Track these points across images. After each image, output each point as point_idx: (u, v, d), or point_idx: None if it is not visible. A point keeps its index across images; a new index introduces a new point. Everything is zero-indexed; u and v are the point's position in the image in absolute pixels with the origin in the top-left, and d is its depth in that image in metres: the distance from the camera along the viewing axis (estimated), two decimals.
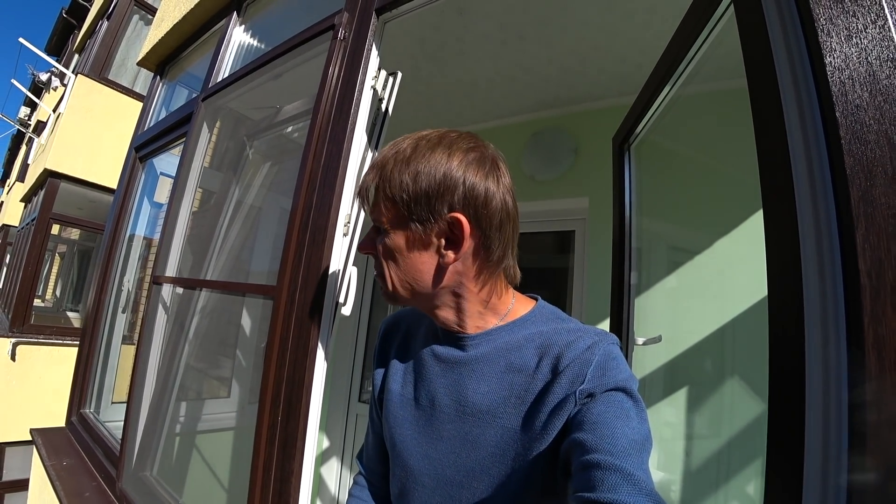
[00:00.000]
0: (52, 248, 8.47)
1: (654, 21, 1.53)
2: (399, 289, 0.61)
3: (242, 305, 2.03)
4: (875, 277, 0.41)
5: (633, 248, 1.45)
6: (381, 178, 0.58)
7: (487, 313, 0.63)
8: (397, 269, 0.60)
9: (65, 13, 9.36)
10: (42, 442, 1.98)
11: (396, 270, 0.60)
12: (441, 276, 0.59)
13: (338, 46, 1.06)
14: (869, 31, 0.49)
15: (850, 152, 0.46)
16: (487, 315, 0.63)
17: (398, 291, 0.61)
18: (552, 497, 0.53)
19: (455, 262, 0.58)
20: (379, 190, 0.58)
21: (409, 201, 0.56)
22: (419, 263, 0.59)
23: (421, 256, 0.58)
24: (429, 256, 0.58)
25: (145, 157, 2.29)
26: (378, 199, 0.58)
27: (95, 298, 2.18)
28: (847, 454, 0.41)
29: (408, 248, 0.58)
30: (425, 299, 0.62)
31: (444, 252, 0.58)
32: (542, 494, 0.53)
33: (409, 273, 0.60)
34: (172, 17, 2.13)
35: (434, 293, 0.61)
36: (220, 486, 1.65)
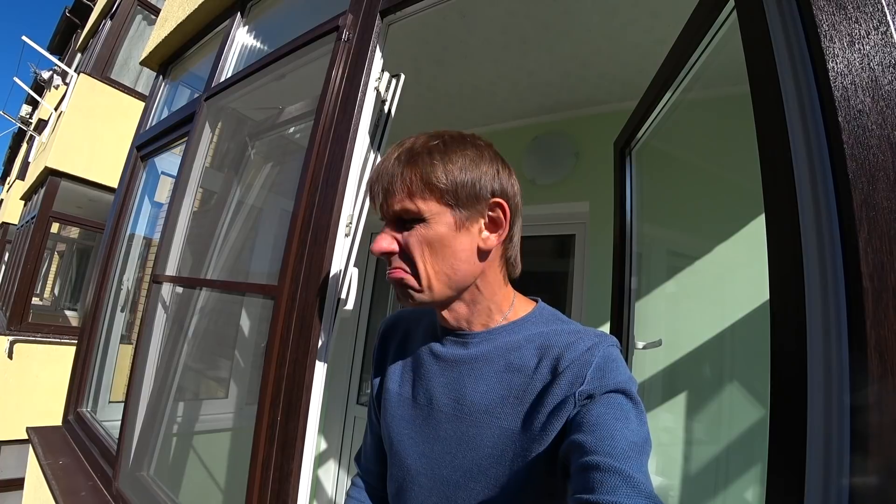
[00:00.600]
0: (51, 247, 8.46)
1: (656, 26, 1.54)
2: (434, 282, 0.59)
3: (242, 306, 2.03)
4: (877, 280, 0.41)
5: (634, 252, 1.45)
6: (418, 168, 0.57)
7: (494, 311, 0.63)
8: (434, 259, 0.59)
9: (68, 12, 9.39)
10: (38, 441, 1.97)
11: (433, 262, 0.59)
12: (475, 263, 0.61)
13: (341, 48, 1.07)
14: (871, 36, 0.50)
15: (853, 156, 0.46)
16: (494, 313, 0.63)
17: (433, 285, 0.59)
18: (550, 498, 0.53)
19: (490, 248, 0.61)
20: (415, 180, 0.57)
21: (456, 187, 0.57)
22: (460, 250, 0.59)
23: (462, 242, 0.59)
24: (469, 242, 0.59)
25: (147, 157, 2.29)
26: (414, 190, 0.57)
27: (94, 297, 2.18)
28: (849, 458, 0.41)
29: (450, 235, 0.58)
30: (454, 290, 0.61)
31: (484, 236, 0.60)
32: (539, 495, 0.53)
33: (448, 261, 0.59)
34: (176, 17, 2.14)
35: (464, 283, 0.61)
36: (217, 486, 1.64)
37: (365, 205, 1.01)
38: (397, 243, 0.60)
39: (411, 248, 0.58)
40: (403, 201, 0.58)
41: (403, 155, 0.58)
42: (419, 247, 0.58)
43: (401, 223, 0.60)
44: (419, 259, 0.59)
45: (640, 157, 1.51)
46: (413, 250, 0.58)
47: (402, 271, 0.60)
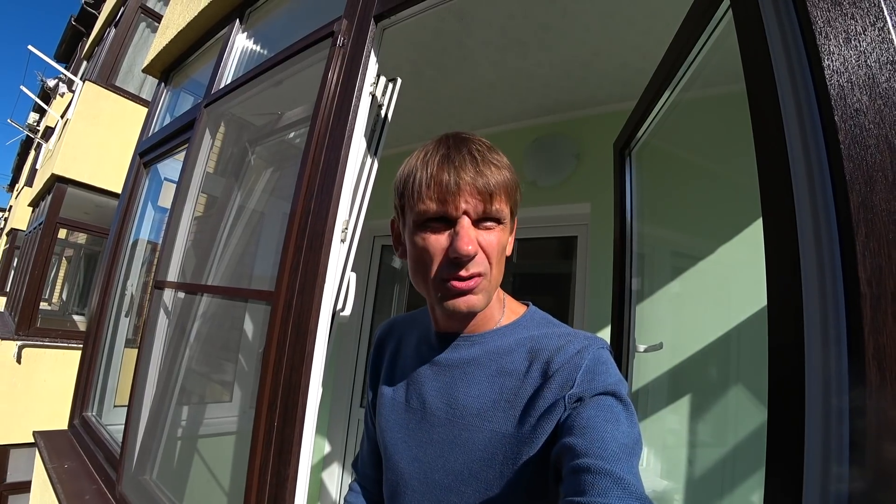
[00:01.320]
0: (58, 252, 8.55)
1: (655, 26, 1.53)
2: (493, 289, 0.59)
3: (244, 310, 2.03)
4: (875, 285, 0.40)
5: (635, 254, 1.44)
6: (513, 174, 0.58)
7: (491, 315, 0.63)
8: (497, 265, 0.58)
9: (74, 21, 9.50)
10: (44, 444, 1.99)
11: (497, 268, 0.58)
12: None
13: (337, 53, 1.07)
14: (868, 33, 0.49)
15: (850, 157, 0.45)
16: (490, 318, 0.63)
17: (491, 293, 0.59)
18: (542, 501, 0.52)
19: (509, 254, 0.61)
20: (508, 183, 0.57)
21: (517, 191, 0.59)
22: (504, 256, 0.60)
23: (506, 248, 0.60)
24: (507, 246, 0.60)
25: (150, 163, 2.31)
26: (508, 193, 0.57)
27: (99, 302, 2.19)
28: (847, 465, 0.40)
29: (506, 241, 0.59)
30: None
31: (510, 241, 0.61)
32: (531, 499, 0.53)
33: (502, 268, 0.59)
34: (177, 25, 2.15)
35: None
36: (220, 490, 1.64)
37: (362, 210, 1.01)
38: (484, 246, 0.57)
39: (492, 249, 0.56)
40: (500, 202, 0.56)
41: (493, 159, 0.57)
42: (496, 250, 0.57)
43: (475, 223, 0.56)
44: (495, 262, 0.57)
45: (640, 157, 1.50)
46: (492, 252, 0.57)
47: (482, 275, 0.56)
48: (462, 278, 0.55)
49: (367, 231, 2.97)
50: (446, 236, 0.56)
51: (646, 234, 1.55)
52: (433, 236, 0.56)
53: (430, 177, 0.55)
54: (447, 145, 0.57)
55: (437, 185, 0.55)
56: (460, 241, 0.53)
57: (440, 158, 0.56)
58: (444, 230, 0.56)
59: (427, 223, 0.56)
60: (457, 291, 0.56)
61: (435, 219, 0.56)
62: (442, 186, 0.54)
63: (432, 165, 0.56)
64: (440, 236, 0.56)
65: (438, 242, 0.56)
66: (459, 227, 0.55)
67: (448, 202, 0.54)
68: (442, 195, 0.54)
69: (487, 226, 0.56)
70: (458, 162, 0.55)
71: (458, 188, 0.54)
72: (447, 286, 0.56)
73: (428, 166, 0.56)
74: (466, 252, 0.53)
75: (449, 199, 0.54)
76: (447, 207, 0.55)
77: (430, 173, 0.55)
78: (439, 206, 0.55)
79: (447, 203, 0.54)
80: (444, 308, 0.57)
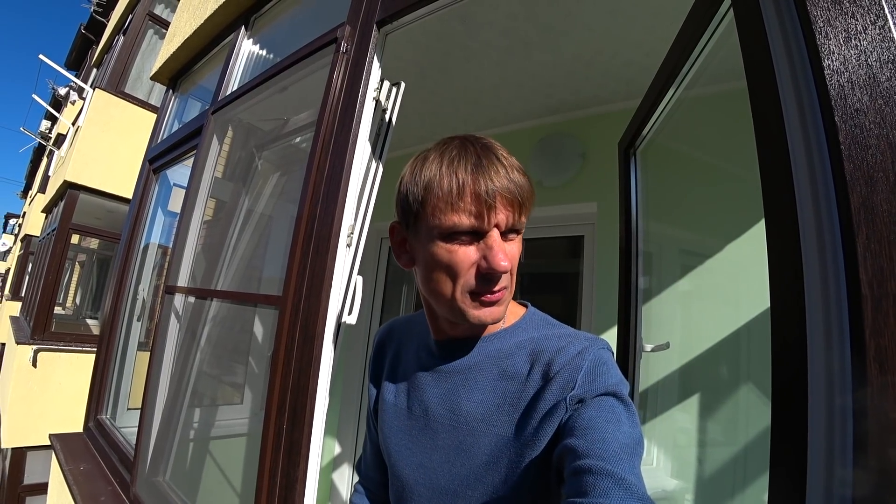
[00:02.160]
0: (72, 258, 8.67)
1: (658, 24, 1.52)
2: (509, 298, 0.58)
3: (254, 313, 2.05)
4: (876, 287, 0.40)
5: (641, 253, 1.43)
6: (531, 184, 0.56)
7: None
8: (514, 276, 0.57)
9: (83, 29, 9.65)
10: (60, 447, 2.03)
11: (513, 278, 0.57)
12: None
13: (340, 59, 1.08)
14: (868, 32, 0.49)
15: (850, 157, 0.45)
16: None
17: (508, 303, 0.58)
18: (545, 502, 0.53)
19: None
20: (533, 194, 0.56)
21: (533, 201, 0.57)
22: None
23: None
24: None
25: (159, 169, 2.34)
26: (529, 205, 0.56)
27: (112, 307, 2.23)
28: (850, 466, 0.40)
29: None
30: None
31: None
32: (535, 500, 0.53)
33: (515, 276, 0.58)
34: (184, 33, 2.18)
35: None
36: (231, 491, 1.66)
37: (367, 215, 1.02)
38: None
39: (515, 261, 0.56)
40: (524, 214, 0.55)
41: (517, 165, 0.55)
42: (517, 261, 0.56)
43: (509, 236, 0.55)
44: (514, 273, 0.56)
45: (646, 155, 1.49)
46: (515, 264, 0.56)
47: (506, 288, 0.55)
48: (494, 292, 0.54)
49: (374, 233, 2.99)
50: (475, 248, 0.54)
51: (652, 232, 1.54)
52: (462, 248, 0.54)
53: (464, 186, 0.51)
54: (475, 151, 0.54)
55: (473, 196, 0.51)
56: (496, 258, 0.52)
57: (472, 167, 0.52)
58: (472, 242, 0.54)
59: (454, 235, 0.53)
60: (485, 302, 0.55)
61: (465, 232, 0.53)
62: (479, 198, 0.51)
63: (464, 173, 0.52)
64: (469, 248, 0.54)
65: (468, 255, 0.53)
66: (492, 241, 0.53)
67: (484, 215, 0.52)
68: (479, 208, 0.51)
69: (511, 237, 0.55)
70: (493, 171, 0.52)
71: (496, 200, 0.51)
72: (478, 299, 0.55)
73: (458, 173, 0.52)
74: (504, 269, 0.52)
75: (486, 213, 0.52)
76: (482, 221, 0.52)
77: (463, 182, 0.52)
78: (474, 219, 0.52)
79: (483, 216, 0.52)
80: (468, 319, 0.56)
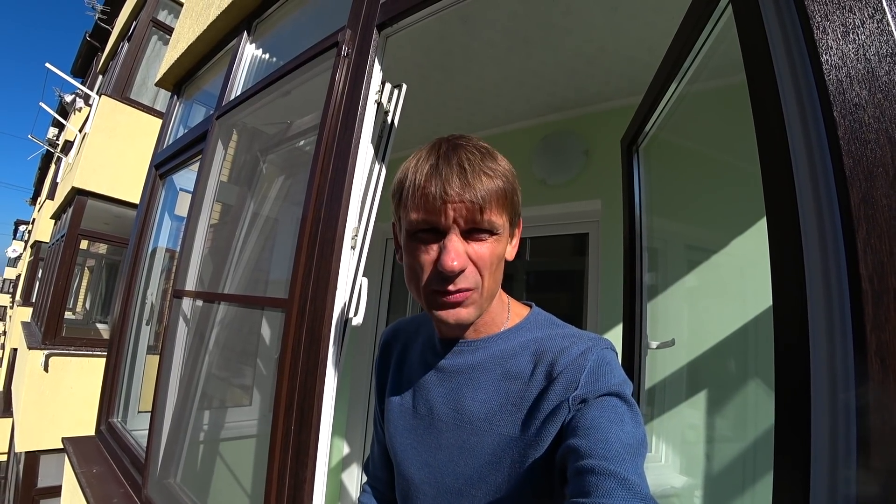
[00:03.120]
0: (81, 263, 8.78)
1: (659, 20, 1.52)
2: (488, 298, 0.58)
3: (262, 314, 2.07)
4: (877, 282, 0.40)
5: (645, 249, 1.43)
6: (508, 182, 0.56)
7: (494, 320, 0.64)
8: (491, 276, 0.57)
9: (88, 36, 9.75)
10: (73, 450, 2.06)
11: (491, 279, 0.57)
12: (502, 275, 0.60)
13: (341, 63, 1.09)
14: (866, 25, 0.48)
15: (850, 153, 0.45)
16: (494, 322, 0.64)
17: (484, 305, 0.58)
18: (549, 501, 0.53)
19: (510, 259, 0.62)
20: (504, 193, 0.55)
21: (517, 203, 0.58)
22: (502, 265, 0.59)
23: (502, 257, 0.59)
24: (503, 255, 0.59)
25: (165, 174, 2.37)
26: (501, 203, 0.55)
27: (121, 311, 2.26)
28: (854, 461, 0.40)
29: (504, 250, 0.59)
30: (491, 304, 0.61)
31: (510, 248, 0.61)
32: (538, 499, 0.53)
33: (497, 278, 0.58)
34: (187, 39, 2.20)
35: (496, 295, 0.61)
36: (242, 492, 1.68)
37: (371, 217, 1.03)
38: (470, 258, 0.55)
39: (484, 262, 0.55)
40: (492, 214, 0.54)
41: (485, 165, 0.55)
42: (488, 262, 0.56)
43: (466, 235, 0.55)
44: (487, 275, 0.56)
45: (650, 151, 1.49)
46: (484, 266, 0.56)
47: (471, 290, 0.56)
48: (450, 292, 0.55)
49: (379, 233, 3.00)
50: (435, 248, 0.55)
51: (656, 229, 1.54)
52: (423, 247, 0.56)
53: (418, 187, 0.54)
54: (437, 154, 0.55)
55: (424, 197, 0.54)
56: (446, 257, 0.53)
57: (429, 168, 0.54)
58: (433, 241, 0.55)
59: (417, 234, 0.56)
60: (445, 303, 0.56)
61: (424, 230, 0.55)
62: (428, 199, 0.53)
63: (421, 175, 0.55)
64: (430, 247, 0.55)
65: (428, 254, 0.55)
66: (447, 240, 0.54)
67: (435, 215, 0.53)
68: (429, 207, 0.53)
69: (479, 237, 0.55)
70: (446, 174, 0.53)
71: (443, 201, 0.53)
72: (435, 298, 0.56)
73: (417, 175, 0.55)
74: (451, 268, 0.53)
75: (436, 212, 0.53)
76: (435, 219, 0.54)
77: (419, 183, 0.54)
78: (427, 217, 0.54)
79: (434, 215, 0.54)
80: (435, 317, 0.58)
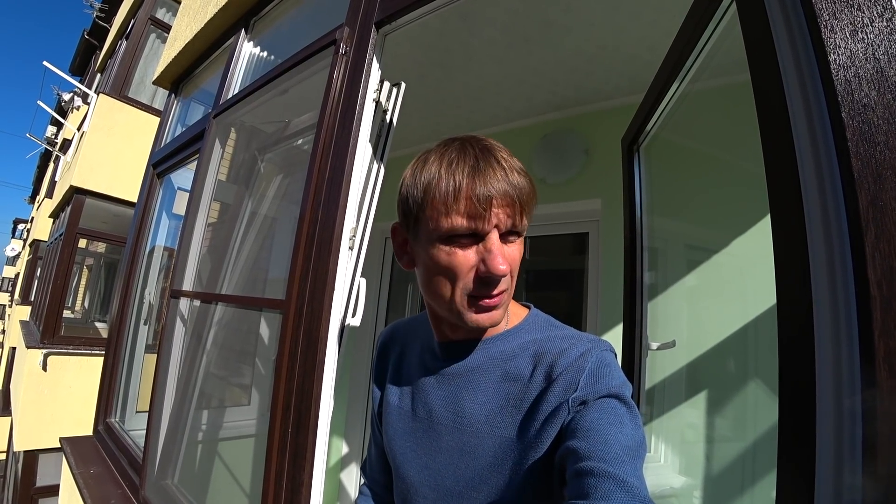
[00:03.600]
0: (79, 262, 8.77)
1: (661, 18, 1.51)
2: (508, 301, 0.58)
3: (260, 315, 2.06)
4: (886, 287, 0.39)
5: (647, 249, 1.42)
6: (532, 181, 0.55)
7: None
8: (514, 278, 0.57)
9: (86, 34, 9.71)
10: (70, 450, 2.05)
11: (513, 280, 0.57)
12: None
13: (339, 61, 1.07)
14: (875, 24, 0.47)
15: (858, 154, 0.44)
16: None
17: (509, 304, 0.58)
18: (548, 502, 0.52)
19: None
20: (534, 195, 0.55)
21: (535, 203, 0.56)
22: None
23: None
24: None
25: (163, 173, 2.35)
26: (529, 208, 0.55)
27: (119, 310, 2.25)
28: (860, 468, 0.39)
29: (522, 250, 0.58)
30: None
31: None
32: (538, 502, 0.53)
33: (516, 279, 0.58)
34: (184, 37, 2.19)
35: None
36: (240, 492, 1.67)
37: (370, 217, 1.02)
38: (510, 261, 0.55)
39: (515, 264, 0.55)
40: (525, 216, 0.54)
41: (517, 167, 0.54)
42: (517, 263, 0.56)
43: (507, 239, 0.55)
44: (515, 276, 0.56)
45: (651, 151, 1.48)
46: (516, 267, 0.55)
47: (505, 291, 0.55)
48: (492, 296, 0.54)
49: (377, 233, 2.98)
50: (474, 251, 0.53)
51: (657, 228, 1.53)
52: (461, 252, 0.53)
53: (461, 189, 0.51)
54: (474, 154, 0.53)
55: (469, 199, 0.51)
56: (495, 262, 0.51)
57: (470, 169, 0.52)
58: (471, 245, 0.53)
59: (454, 238, 0.53)
60: (485, 307, 0.54)
61: (464, 234, 0.53)
62: (474, 201, 0.51)
63: (461, 176, 0.52)
64: (468, 251, 0.53)
65: (467, 259, 0.53)
66: (491, 244, 0.52)
67: (481, 218, 0.51)
68: (475, 210, 0.51)
69: (511, 240, 0.55)
70: (490, 173, 0.51)
71: (491, 203, 0.51)
72: (476, 303, 0.54)
73: (455, 176, 0.52)
74: (502, 273, 0.51)
75: (482, 215, 0.51)
76: (479, 224, 0.52)
77: (460, 185, 0.51)
78: (471, 222, 0.52)
79: (479, 219, 0.51)
80: (466, 322, 0.56)
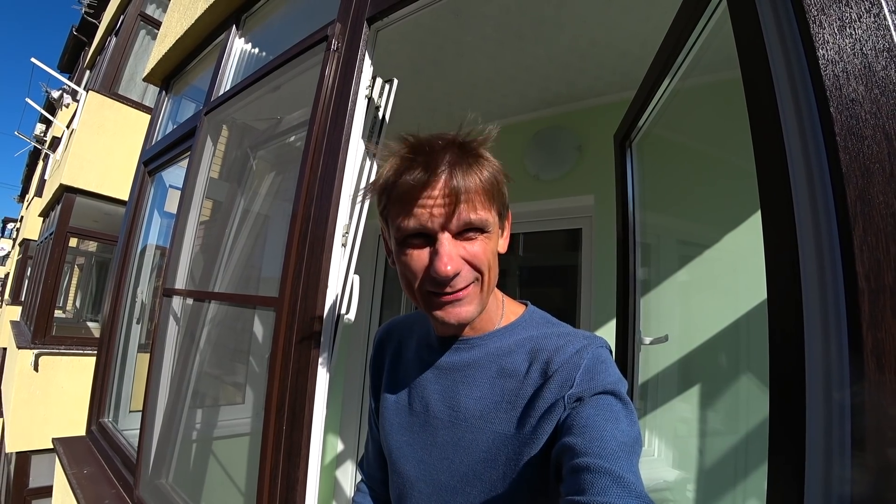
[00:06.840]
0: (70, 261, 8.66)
1: (653, 14, 1.51)
2: (487, 296, 0.57)
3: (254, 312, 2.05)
4: (873, 280, 0.39)
5: (639, 245, 1.43)
6: (492, 175, 0.54)
7: (490, 317, 0.63)
8: (489, 274, 0.55)
9: (75, 30, 9.57)
10: (63, 451, 2.03)
11: (489, 276, 0.55)
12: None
13: (331, 57, 1.07)
14: (863, 20, 0.48)
15: (846, 149, 0.44)
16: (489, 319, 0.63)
17: (485, 300, 0.57)
18: (544, 500, 0.53)
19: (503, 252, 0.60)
20: (489, 189, 0.53)
21: (504, 196, 0.56)
22: (496, 259, 0.57)
23: (496, 251, 0.57)
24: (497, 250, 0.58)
25: (154, 171, 2.33)
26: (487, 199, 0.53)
27: (111, 309, 2.23)
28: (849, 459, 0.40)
29: (495, 246, 0.57)
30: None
31: (501, 242, 0.59)
32: (533, 497, 0.53)
33: (495, 273, 0.57)
34: (175, 33, 2.16)
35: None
36: (235, 491, 1.67)
37: (363, 214, 1.01)
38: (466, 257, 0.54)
39: (479, 260, 0.54)
40: (478, 211, 0.52)
41: (467, 159, 0.52)
42: (484, 259, 0.54)
43: (458, 235, 0.54)
44: (486, 270, 0.55)
45: (643, 147, 1.48)
46: (482, 263, 0.54)
47: (472, 287, 0.54)
48: (447, 293, 0.54)
49: (371, 230, 2.98)
50: (427, 252, 0.53)
51: (649, 224, 1.54)
52: (415, 252, 0.54)
53: (404, 192, 0.52)
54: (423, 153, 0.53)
55: (411, 203, 0.51)
56: (439, 263, 0.51)
57: (412, 171, 0.52)
58: (425, 245, 0.53)
59: (406, 239, 0.54)
60: (443, 303, 0.54)
61: (414, 235, 0.53)
62: (415, 203, 0.51)
63: (405, 178, 0.52)
64: (422, 252, 0.53)
65: (420, 259, 0.53)
66: (439, 245, 0.52)
67: (424, 219, 0.51)
68: (417, 212, 0.51)
69: (470, 237, 0.54)
70: (431, 175, 0.51)
71: (432, 205, 0.51)
72: (432, 299, 0.55)
73: (400, 179, 0.52)
74: (446, 274, 0.51)
75: (424, 217, 0.51)
76: (424, 224, 0.52)
77: (404, 189, 0.52)
78: (416, 222, 0.52)
79: (423, 220, 0.51)
80: (435, 318, 0.57)
